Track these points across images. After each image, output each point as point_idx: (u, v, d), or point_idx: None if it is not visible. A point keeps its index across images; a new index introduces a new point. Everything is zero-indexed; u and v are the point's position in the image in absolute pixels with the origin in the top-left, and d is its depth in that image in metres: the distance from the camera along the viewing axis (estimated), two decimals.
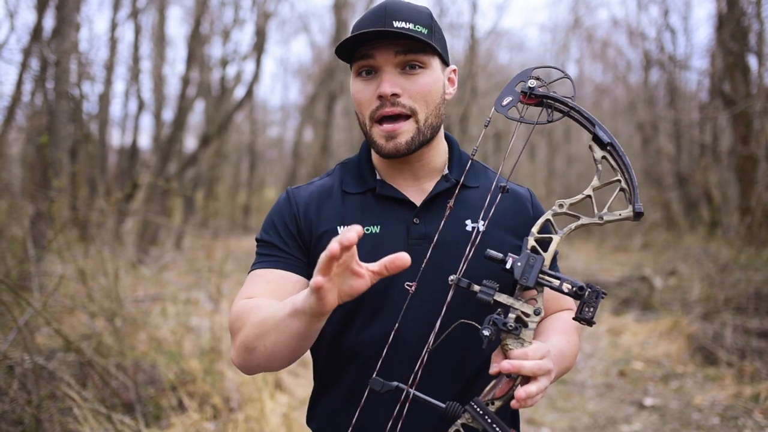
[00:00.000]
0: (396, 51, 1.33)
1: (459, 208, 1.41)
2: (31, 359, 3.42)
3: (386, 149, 1.36)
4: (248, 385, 4.49)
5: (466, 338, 1.32)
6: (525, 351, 1.15)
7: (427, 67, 1.36)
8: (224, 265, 6.97)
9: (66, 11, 6.67)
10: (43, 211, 5.48)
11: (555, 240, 1.25)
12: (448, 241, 1.35)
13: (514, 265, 1.19)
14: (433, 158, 1.46)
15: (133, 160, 15.17)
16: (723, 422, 4.70)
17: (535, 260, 1.19)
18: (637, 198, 1.22)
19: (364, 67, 1.36)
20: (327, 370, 1.47)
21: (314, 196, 1.48)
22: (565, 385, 5.71)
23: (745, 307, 6.60)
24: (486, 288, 1.19)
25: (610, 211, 1.24)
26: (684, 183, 15.78)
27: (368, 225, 1.40)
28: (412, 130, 1.35)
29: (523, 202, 1.49)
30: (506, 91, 1.35)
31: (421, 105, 1.35)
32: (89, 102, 13.00)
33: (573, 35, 24.80)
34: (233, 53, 17.37)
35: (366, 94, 1.36)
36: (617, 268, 12.39)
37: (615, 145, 1.25)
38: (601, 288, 1.17)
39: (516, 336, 1.18)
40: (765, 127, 8.62)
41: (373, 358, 1.32)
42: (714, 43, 11.42)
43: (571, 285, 1.17)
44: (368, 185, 1.46)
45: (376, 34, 1.30)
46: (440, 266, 1.32)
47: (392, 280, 1.35)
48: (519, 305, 1.19)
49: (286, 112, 30.07)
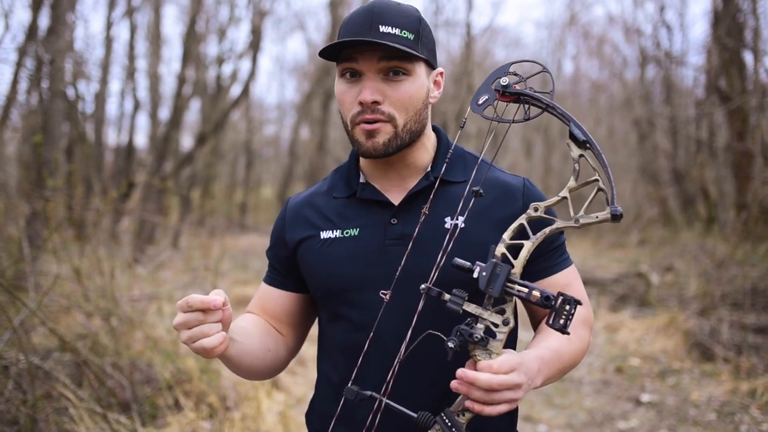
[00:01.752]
0: (379, 57, 1.32)
1: (439, 204, 1.39)
2: (27, 359, 3.41)
3: (364, 147, 1.36)
4: (245, 384, 4.49)
5: (441, 346, 1.31)
6: (490, 363, 1.12)
7: (411, 74, 1.35)
8: (220, 263, 6.96)
9: (61, 10, 6.65)
10: (38, 210, 5.47)
11: (526, 246, 1.21)
12: (425, 240, 1.34)
13: (479, 274, 1.16)
14: (417, 158, 1.45)
15: (129, 159, 15.14)
16: (720, 418, 4.71)
17: (502, 269, 1.15)
18: (614, 199, 1.16)
19: (347, 69, 1.36)
20: (322, 367, 1.53)
21: (304, 203, 1.53)
22: (562, 381, 5.71)
23: (742, 302, 6.62)
24: (455, 297, 1.17)
25: (587, 213, 1.18)
26: (680, 179, 15.80)
27: (348, 228, 1.43)
28: (390, 132, 1.35)
29: (511, 192, 1.44)
30: (482, 89, 1.31)
31: (401, 112, 1.35)
32: (85, 101, 12.98)
33: (569, 32, 24.86)
34: (229, 51, 17.34)
35: (349, 96, 1.36)
36: (614, 264, 12.41)
37: (592, 143, 1.21)
38: (573, 297, 1.12)
39: (483, 347, 1.15)
40: (761, 123, 8.65)
41: (356, 354, 1.34)
42: (710, 40, 11.44)
43: (539, 294, 1.13)
44: (352, 189, 1.47)
45: (356, 43, 1.30)
46: (417, 266, 1.32)
47: (369, 278, 1.38)
48: (487, 315, 1.16)
49: (283, 110, 30.08)
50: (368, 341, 1.31)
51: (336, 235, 1.43)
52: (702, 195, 14.21)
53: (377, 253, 1.38)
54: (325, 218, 1.47)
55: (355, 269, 1.39)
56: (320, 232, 1.45)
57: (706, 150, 14.81)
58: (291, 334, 1.56)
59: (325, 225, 1.46)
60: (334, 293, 1.42)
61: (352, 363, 1.36)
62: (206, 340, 1.19)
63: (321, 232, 1.45)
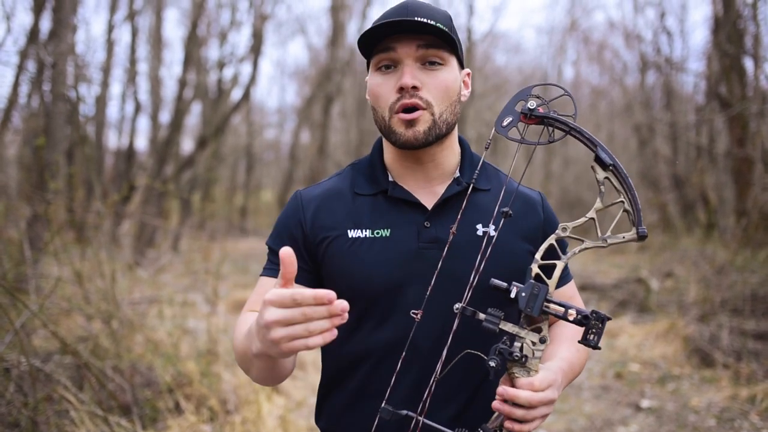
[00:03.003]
0: (418, 45, 1.34)
1: (470, 211, 1.40)
2: (28, 361, 3.42)
3: (405, 137, 1.35)
4: (245, 388, 4.49)
5: (467, 357, 1.31)
6: (531, 381, 1.16)
7: (447, 64, 1.37)
8: (221, 267, 6.97)
9: (63, 13, 6.66)
10: (39, 213, 5.47)
11: (559, 266, 1.24)
12: (459, 245, 1.34)
13: (518, 295, 1.18)
14: (445, 159, 1.45)
15: (130, 162, 15.16)
16: (719, 424, 4.71)
17: (540, 289, 1.18)
18: (641, 221, 1.21)
19: (384, 60, 1.37)
20: (336, 370, 1.47)
21: (324, 198, 1.47)
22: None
23: (742, 309, 6.62)
24: (491, 317, 1.18)
25: (613, 234, 1.23)
26: (680, 185, 15.81)
27: (378, 228, 1.40)
28: (429, 120, 1.35)
29: (533, 205, 1.48)
30: (506, 111, 1.33)
31: (438, 100, 1.36)
32: (86, 104, 13.01)
33: (570, 37, 24.91)
34: (230, 55, 17.37)
35: (386, 87, 1.37)
36: (614, 270, 12.41)
37: (617, 166, 1.23)
38: (605, 314, 1.17)
39: (522, 365, 1.18)
40: (761, 129, 8.65)
41: (383, 360, 1.35)
42: (710, 46, 11.46)
43: (576, 313, 1.17)
44: (380, 187, 1.45)
45: (399, 24, 1.31)
46: (450, 270, 1.32)
47: (403, 281, 1.36)
48: (525, 334, 1.19)
49: (283, 114, 30.08)
50: (404, 352, 1.30)
51: (366, 235, 1.39)
52: (702, 201, 14.22)
53: (411, 256, 1.37)
54: (351, 216, 1.43)
55: (389, 272, 1.37)
56: (347, 230, 1.41)
57: (706, 156, 14.81)
58: None
59: (351, 223, 1.42)
60: (365, 295, 1.38)
61: (374, 369, 1.37)
62: (313, 339, 1.01)
63: (348, 231, 1.41)
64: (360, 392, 1.40)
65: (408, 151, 1.41)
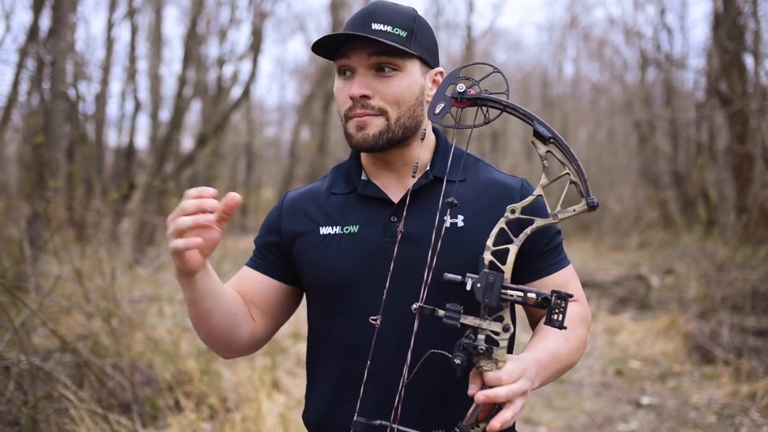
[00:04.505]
0: (369, 53, 1.35)
1: (438, 202, 1.39)
2: (28, 360, 3.42)
3: (355, 139, 1.39)
4: (245, 385, 4.49)
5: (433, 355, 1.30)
6: (499, 375, 1.14)
7: (402, 70, 1.37)
8: (221, 265, 6.97)
9: (62, 11, 6.66)
10: (39, 211, 5.47)
11: (512, 250, 1.21)
12: (423, 237, 1.35)
13: (473, 286, 1.16)
14: (415, 156, 1.46)
15: (130, 160, 15.14)
16: (720, 420, 4.71)
17: (495, 277, 1.15)
18: (589, 190, 1.18)
19: (342, 65, 1.40)
20: (315, 364, 1.52)
21: (302, 198, 1.54)
22: (562, 384, 5.71)
23: (742, 305, 6.62)
24: (451, 312, 1.17)
25: (564, 208, 1.20)
26: (681, 182, 15.80)
27: (348, 225, 1.43)
28: (381, 125, 1.37)
29: (509, 191, 1.46)
30: (437, 97, 1.30)
31: (393, 106, 1.37)
32: (85, 102, 13.00)
33: (570, 34, 24.89)
34: (230, 53, 17.35)
35: (342, 93, 1.40)
36: (614, 267, 12.40)
37: (557, 138, 1.21)
38: (565, 292, 1.14)
39: (488, 357, 1.16)
40: (761, 125, 8.64)
41: (356, 352, 1.37)
42: (710, 42, 11.44)
43: (536, 295, 1.15)
44: (353, 185, 1.49)
45: (349, 37, 1.34)
46: (416, 263, 1.33)
47: (367, 275, 1.39)
48: (486, 325, 1.16)
49: (283, 111, 30.07)
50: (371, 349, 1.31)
51: (336, 231, 1.44)
52: (702, 198, 14.20)
53: (377, 250, 1.39)
54: (324, 214, 1.47)
55: (355, 266, 1.40)
56: (319, 227, 1.46)
57: (706, 153, 14.80)
58: (261, 321, 1.51)
59: (324, 221, 1.46)
60: (334, 289, 1.42)
61: (349, 360, 1.40)
62: (180, 241, 1.16)
63: (320, 228, 1.46)
64: (339, 383, 1.43)
65: (374, 153, 1.44)
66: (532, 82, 26.78)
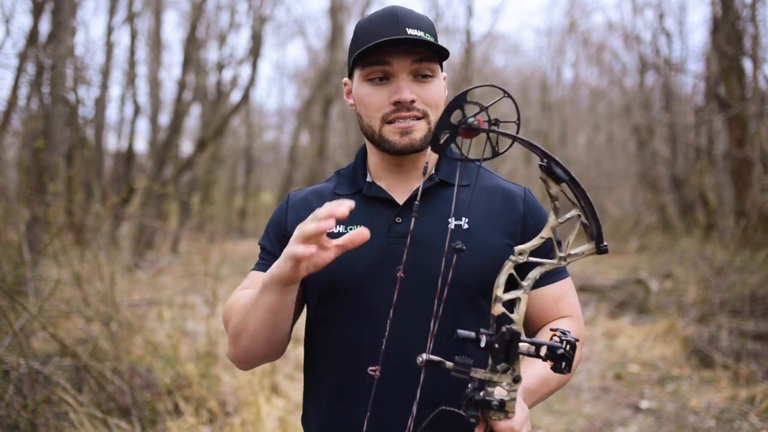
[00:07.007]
0: (413, 60, 1.37)
1: (444, 205, 1.42)
2: (27, 364, 3.42)
3: (401, 144, 1.39)
4: (244, 389, 4.49)
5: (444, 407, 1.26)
6: (511, 426, 1.14)
7: (435, 75, 1.41)
8: (220, 269, 6.97)
9: (62, 15, 6.67)
10: (38, 215, 5.48)
11: (523, 299, 1.14)
12: (430, 239, 1.37)
13: (490, 344, 1.09)
14: (423, 160, 1.49)
15: (129, 164, 15.14)
16: (719, 425, 4.71)
17: (512, 335, 1.09)
18: (602, 234, 1.12)
19: (377, 72, 1.40)
20: (314, 367, 1.51)
21: (307, 198, 1.55)
22: (561, 388, 5.71)
23: (741, 309, 6.62)
24: (459, 366, 1.09)
25: (572, 249, 1.15)
26: (680, 186, 15.82)
27: (352, 225, 1.43)
28: (425, 129, 1.40)
29: (513, 198, 1.48)
30: (441, 124, 1.10)
31: (433, 110, 1.41)
32: (85, 106, 12.99)
33: (568, 39, 24.89)
34: (229, 57, 17.36)
35: (377, 98, 1.40)
36: (613, 271, 12.40)
37: (574, 181, 1.13)
38: (573, 336, 1.11)
39: (501, 410, 1.13)
40: (760, 130, 8.66)
41: (356, 354, 1.37)
42: (709, 47, 11.46)
43: (547, 349, 1.11)
44: (358, 187, 1.50)
45: (399, 42, 1.34)
46: (421, 264, 1.34)
47: (372, 276, 1.39)
48: (498, 378, 1.11)
49: (283, 116, 30.09)
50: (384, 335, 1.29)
51: (339, 231, 1.44)
52: (701, 202, 14.22)
53: (381, 251, 1.40)
54: None
55: (359, 266, 1.40)
56: None
57: (705, 157, 14.82)
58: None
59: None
60: (336, 289, 1.42)
61: (349, 364, 1.39)
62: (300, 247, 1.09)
63: None
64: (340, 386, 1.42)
65: (394, 156, 1.45)
66: (531, 87, 26.78)
